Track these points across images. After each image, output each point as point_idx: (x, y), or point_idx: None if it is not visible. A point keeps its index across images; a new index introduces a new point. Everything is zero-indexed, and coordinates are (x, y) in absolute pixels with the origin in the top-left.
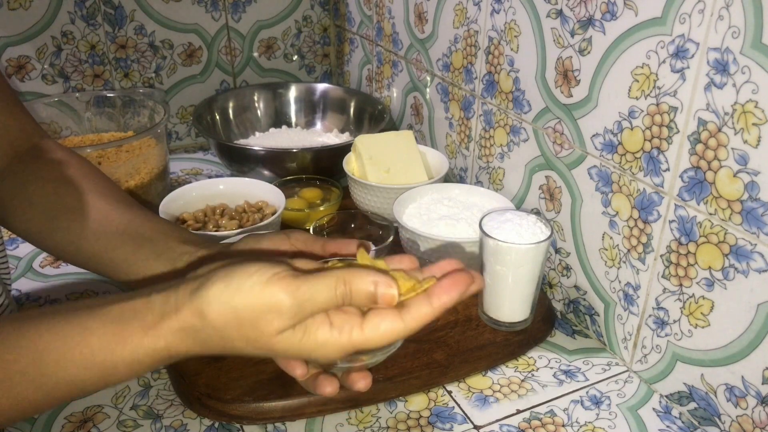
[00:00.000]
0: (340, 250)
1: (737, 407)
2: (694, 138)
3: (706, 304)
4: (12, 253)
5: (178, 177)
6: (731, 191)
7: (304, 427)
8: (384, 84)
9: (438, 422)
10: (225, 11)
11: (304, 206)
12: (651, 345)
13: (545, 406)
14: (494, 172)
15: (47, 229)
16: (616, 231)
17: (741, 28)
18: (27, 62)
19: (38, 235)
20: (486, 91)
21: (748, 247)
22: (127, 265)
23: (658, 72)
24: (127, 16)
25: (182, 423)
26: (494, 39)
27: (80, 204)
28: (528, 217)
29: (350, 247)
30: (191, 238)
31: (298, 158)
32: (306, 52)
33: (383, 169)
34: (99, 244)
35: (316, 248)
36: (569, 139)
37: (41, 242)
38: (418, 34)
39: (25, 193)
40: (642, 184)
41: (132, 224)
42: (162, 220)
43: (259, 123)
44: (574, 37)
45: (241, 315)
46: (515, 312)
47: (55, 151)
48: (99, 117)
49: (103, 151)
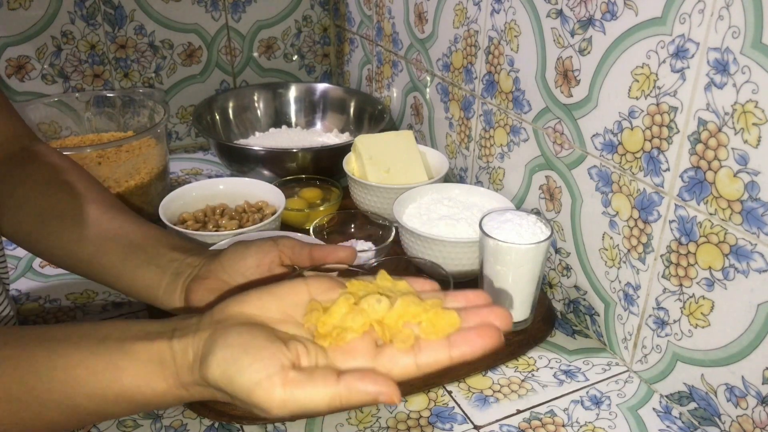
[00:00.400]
0: (327, 257)
1: (737, 407)
2: (695, 138)
3: (706, 304)
4: (12, 254)
5: (178, 177)
6: (731, 191)
7: (304, 427)
8: (384, 84)
9: (438, 422)
10: (225, 11)
11: (304, 206)
12: (651, 345)
13: (545, 406)
14: (494, 172)
15: (37, 233)
16: (616, 231)
17: (741, 28)
18: (27, 62)
19: (28, 238)
20: (486, 91)
21: (748, 247)
22: (117, 270)
23: (658, 72)
24: (127, 16)
25: (182, 423)
26: (494, 39)
27: (71, 208)
28: (528, 217)
29: (337, 254)
30: (180, 244)
31: (298, 158)
32: (306, 52)
33: (383, 169)
34: (89, 249)
35: (303, 255)
36: (569, 139)
37: (31, 246)
38: (418, 34)
39: (14, 196)
40: (642, 184)
41: (122, 230)
42: (152, 225)
43: (259, 123)
44: (574, 37)
45: (235, 395)
46: (515, 312)
47: (45, 155)
48: (99, 117)
49: (103, 151)
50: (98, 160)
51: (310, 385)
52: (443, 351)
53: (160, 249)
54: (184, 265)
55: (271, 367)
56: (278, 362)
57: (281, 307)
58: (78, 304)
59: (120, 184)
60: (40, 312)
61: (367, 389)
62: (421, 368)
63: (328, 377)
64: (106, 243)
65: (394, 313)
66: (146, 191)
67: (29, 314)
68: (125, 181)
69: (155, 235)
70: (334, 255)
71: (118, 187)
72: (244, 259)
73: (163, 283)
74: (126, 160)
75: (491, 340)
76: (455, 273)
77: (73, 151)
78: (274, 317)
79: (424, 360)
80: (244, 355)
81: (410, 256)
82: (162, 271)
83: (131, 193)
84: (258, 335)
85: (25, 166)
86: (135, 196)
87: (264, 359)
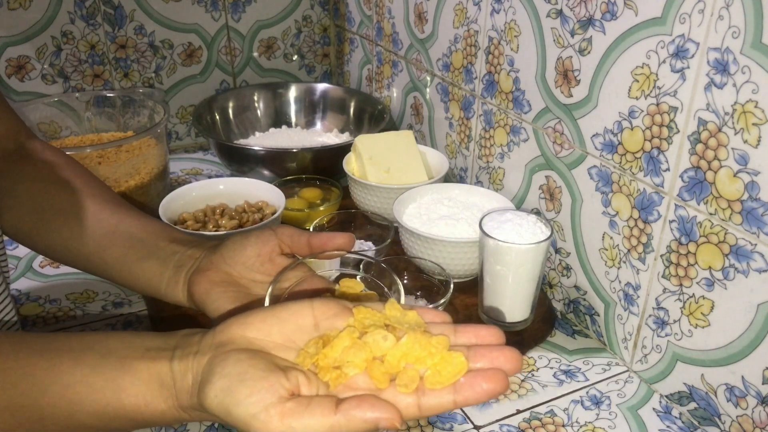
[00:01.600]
0: (326, 245)
1: (737, 407)
2: (694, 138)
3: (706, 304)
4: (12, 253)
5: (178, 177)
6: (731, 191)
7: None
8: (384, 84)
9: (438, 422)
10: (225, 11)
11: (304, 206)
12: (651, 345)
13: (545, 406)
14: (494, 172)
15: (37, 230)
16: (616, 231)
17: (741, 28)
18: (27, 62)
19: (28, 235)
20: (486, 91)
21: (748, 247)
22: (118, 265)
23: (658, 72)
24: (126, 16)
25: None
26: (494, 39)
27: (70, 204)
28: (528, 217)
29: (336, 241)
30: (180, 237)
31: (298, 158)
32: (306, 52)
33: (383, 169)
34: (90, 245)
35: (302, 243)
36: (569, 139)
37: (32, 243)
38: (418, 34)
39: (13, 193)
40: (642, 184)
41: (122, 224)
42: (151, 219)
43: (259, 123)
44: (574, 37)
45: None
46: (515, 312)
47: (43, 152)
48: (99, 117)
49: (103, 151)
50: (98, 160)
51: (308, 416)
52: (448, 396)
53: (160, 242)
54: (185, 258)
55: (269, 399)
56: (276, 393)
57: (284, 331)
58: (78, 304)
59: (120, 184)
60: (40, 312)
61: (365, 416)
62: (423, 411)
63: (326, 407)
64: (107, 238)
65: (398, 352)
66: (146, 191)
67: (29, 314)
68: (125, 181)
69: (155, 229)
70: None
71: (118, 187)
72: (244, 249)
73: (165, 276)
74: (126, 160)
75: (498, 385)
76: (455, 273)
77: (73, 151)
78: (276, 341)
79: (426, 403)
80: (241, 386)
81: (410, 256)
82: (163, 264)
83: (131, 193)
84: (257, 364)
85: (23, 164)
86: (135, 196)
87: (261, 391)
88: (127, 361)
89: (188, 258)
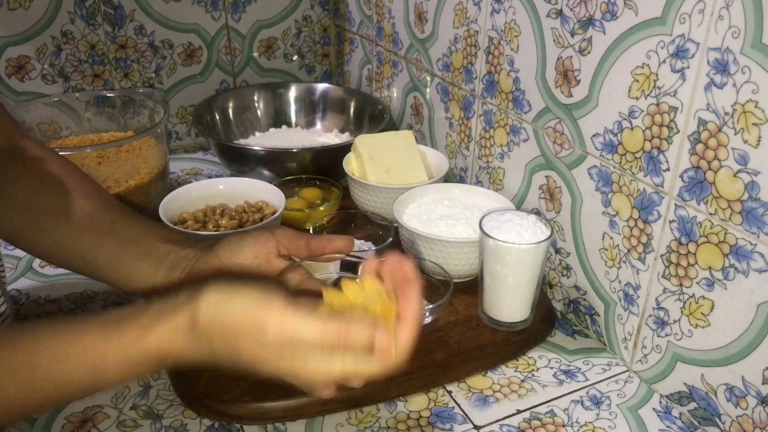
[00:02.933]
0: (325, 247)
1: (737, 407)
2: (694, 138)
3: (706, 304)
4: (12, 254)
5: (178, 177)
6: (731, 191)
7: (304, 427)
8: (384, 84)
9: (438, 422)
10: (225, 11)
11: (304, 206)
12: (651, 345)
13: (545, 406)
14: (494, 172)
15: (30, 231)
16: (616, 231)
17: (741, 28)
18: (27, 62)
19: (22, 236)
20: (486, 91)
21: (748, 247)
22: (112, 265)
23: (658, 72)
24: (127, 16)
25: (182, 423)
26: (494, 39)
27: (63, 205)
28: (528, 217)
29: (335, 243)
30: (174, 237)
31: (298, 158)
32: (306, 52)
33: (383, 169)
34: (84, 245)
35: (301, 246)
36: (569, 139)
37: (25, 244)
38: (418, 34)
39: (6, 194)
40: (642, 184)
41: (116, 225)
42: (145, 219)
43: (259, 123)
44: (574, 37)
45: (225, 326)
46: (515, 312)
47: (36, 151)
48: (99, 117)
49: (103, 151)
50: (98, 160)
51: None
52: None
53: (154, 242)
54: (180, 258)
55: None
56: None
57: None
58: (78, 304)
59: (120, 184)
60: (40, 312)
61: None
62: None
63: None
64: (100, 238)
65: None
66: (146, 191)
67: (29, 314)
68: (125, 181)
69: (149, 229)
70: (331, 245)
71: (118, 187)
72: (240, 249)
73: (158, 277)
74: (126, 160)
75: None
76: (455, 273)
77: (73, 151)
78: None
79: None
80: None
81: (410, 256)
82: (157, 264)
83: (131, 193)
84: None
85: (15, 164)
86: (135, 196)
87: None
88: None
89: (182, 258)
